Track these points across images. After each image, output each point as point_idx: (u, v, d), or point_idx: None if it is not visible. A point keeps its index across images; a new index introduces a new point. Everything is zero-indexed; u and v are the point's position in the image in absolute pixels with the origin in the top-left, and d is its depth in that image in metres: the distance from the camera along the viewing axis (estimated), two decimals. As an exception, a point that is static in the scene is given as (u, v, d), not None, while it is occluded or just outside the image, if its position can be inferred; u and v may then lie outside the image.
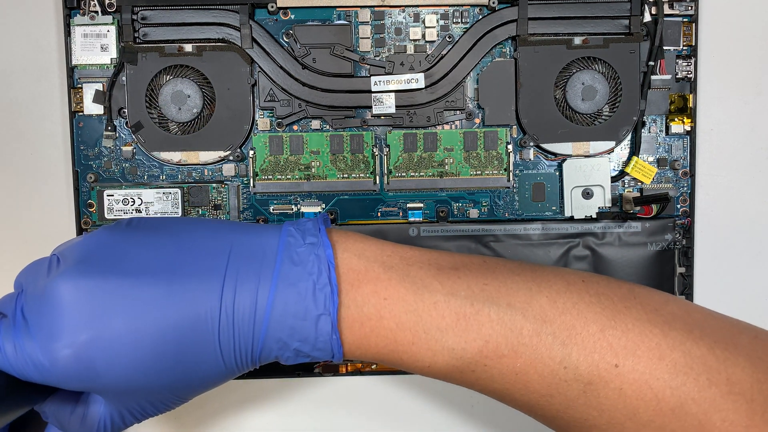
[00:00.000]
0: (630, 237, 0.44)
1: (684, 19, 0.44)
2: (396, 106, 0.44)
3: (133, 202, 0.44)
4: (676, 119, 0.44)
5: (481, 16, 0.44)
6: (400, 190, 0.44)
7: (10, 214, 0.45)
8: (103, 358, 0.29)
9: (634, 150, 0.45)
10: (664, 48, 0.44)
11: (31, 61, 0.45)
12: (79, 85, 0.44)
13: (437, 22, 0.44)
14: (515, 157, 0.45)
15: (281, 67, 0.43)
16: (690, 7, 0.44)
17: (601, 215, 0.45)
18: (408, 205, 0.45)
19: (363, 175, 0.44)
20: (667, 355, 0.30)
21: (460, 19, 0.44)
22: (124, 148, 0.44)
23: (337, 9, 0.44)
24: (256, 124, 0.44)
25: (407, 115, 0.44)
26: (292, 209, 0.45)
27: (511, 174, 0.44)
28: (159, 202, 0.44)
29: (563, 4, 0.43)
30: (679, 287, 0.45)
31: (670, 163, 0.45)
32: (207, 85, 0.43)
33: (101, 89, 0.43)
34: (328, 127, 0.44)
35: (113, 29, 0.43)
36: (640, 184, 0.45)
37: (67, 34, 0.43)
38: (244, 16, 0.43)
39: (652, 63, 0.43)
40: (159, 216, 0.44)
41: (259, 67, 0.43)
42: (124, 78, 0.43)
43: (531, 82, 0.44)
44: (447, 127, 0.44)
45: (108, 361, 0.29)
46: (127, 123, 0.44)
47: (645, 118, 0.45)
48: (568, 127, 0.44)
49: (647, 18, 0.44)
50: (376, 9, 0.44)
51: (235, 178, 0.44)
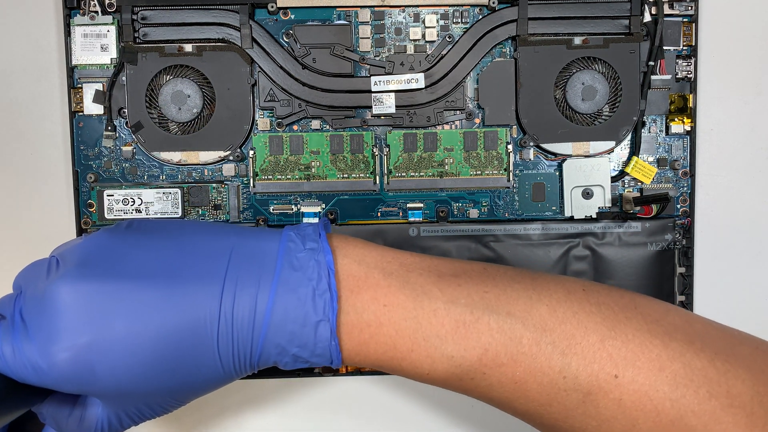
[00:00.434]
0: (630, 237, 0.44)
1: (684, 19, 0.44)
2: (396, 106, 0.44)
3: (133, 202, 0.44)
4: (676, 119, 0.44)
5: (481, 16, 0.44)
6: (400, 190, 0.44)
7: (10, 214, 0.45)
8: (101, 361, 0.29)
9: (634, 150, 0.45)
10: (664, 48, 0.44)
11: (31, 61, 0.45)
12: (79, 85, 0.44)
13: (437, 22, 0.44)
14: (515, 157, 0.45)
15: (281, 67, 0.43)
16: (690, 7, 0.44)
17: (601, 215, 0.44)
18: (408, 205, 0.45)
19: (363, 175, 0.44)
20: (668, 367, 0.30)
21: (460, 19, 0.44)
22: (124, 148, 0.44)
23: (337, 9, 0.44)
24: (256, 124, 0.44)
25: (407, 115, 0.44)
26: (292, 209, 0.45)
27: (511, 174, 0.44)
28: (159, 202, 0.44)
29: (563, 4, 0.43)
30: (679, 287, 0.45)
31: (670, 163, 0.45)
32: (207, 85, 0.43)
33: (101, 89, 0.43)
34: (328, 127, 0.44)
35: (113, 29, 0.43)
36: (640, 184, 0.45)
37: (67, 34, 0.43)
38: (244, 16, 0.43)
39: (652, 63, 0.43)
40: (158, 218, 0.44)
41: (259, 67, 0.43)
42: (124, 78, 0.43)
43: (531, 82, 0.44)
44: (447, 127, 0.44)
45: (106, 364, 0.29)
46: (127, 123, 0.44)
47: (645, 118, 0.45)
48: (568, 127, 0.44)
49: (647, 18, 0.44)
50: (376, 9, 0.44)
51: (235, 178, 0.44)
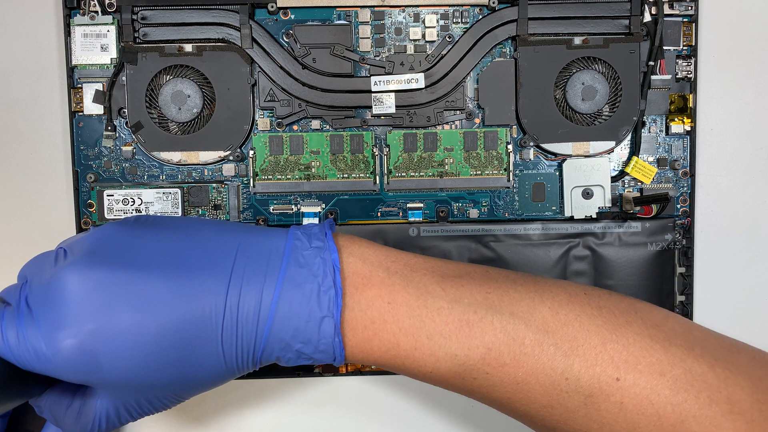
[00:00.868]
0: (630, 237, 0.44)
1: (684, 19, 0.44)
2: (396, 106, 0.44)
3: (133, 202, 0.44)
4: (676, 119, 0.44)
5: (481, 16, 0.44)
6: (400, 190, 0.44)
7: (10, 214, 0.45)
8: (106, 350, 0.29)
9: (634, 150, 0.45)
10: (664, 48, 0.44)
11: (31, 61, 0.45)
12: (79, 85, 0.44)
13: (437, 22, 0.44)
14: (515, 157, 0.45)
15: (281, 67, 0.43)
16: (690, 7, 0.44)
17: (601, 215, 0.45)
18: (408, 205, 0.45)
19: (363, 175, 0.44)
20: (668, 371, 0.30)
21: (460, 19, 0.44)
22: (124, 148, 0.44)
23: (337, 9, 0.44)
24: (256, 124, 0.44)
25: (407, 115, 0.44)
26: (292, 209, 0.45)
27: (511, 174, 0.44)
28: (159, 202, 0.44)
29: (563, 4, 0.43)
30: (679, 287, 0.45)
31: (670, 163, 0.45)
32: (207, 85, 0.43)
33: (101, 89, 0.43)
34: (328, 127, 0.44)
35: (113, 29, 0.43)
36: (640, 184, 0.45)
37: (67, 34, 0.43)
38: (244, 16, 0.43)
39: (652, 63, 0.43)
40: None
41: (259, 67, 0.43)
42: (124, 78, 0.43)
43: (531, 82, 0.44)
44: (447, 127, 0.44)
45: (111, 353, 0.29)
46: (127, 123, 0.44)
47: (645, 118, 0.45)
48: (568, 127, 0.44)
49: (647, 18, 0.44)
50: (376, 9, 0.44)
51: (235, 178, 0.44)
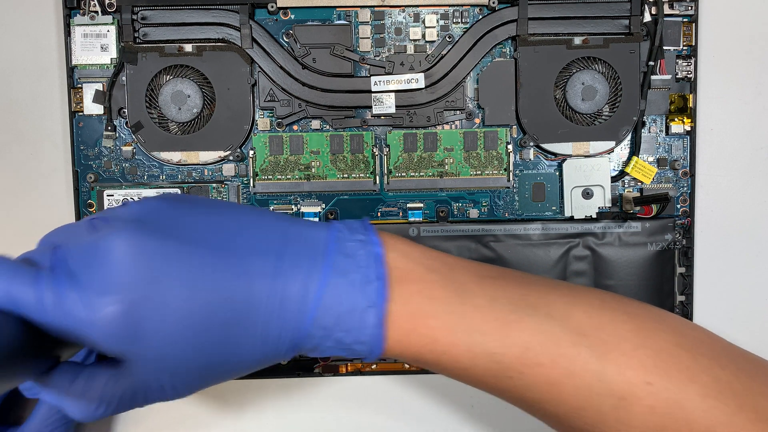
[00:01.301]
0: (630, 237, 0.44)
1: (684, 19, 0.44)
2: (396, 106, 0.44)
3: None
4: (676, 119, 0.44)
5: (481, 16, 0.44)
6: (400, 190, 0.44)
7: (10, 213, 0.45)
8: (151, 320, 0.29)
9: (634, 150, 0.45)
10: (664, 48, 0.44)
11: (31, 61, 0.45)
12: (79, 85, 0.44)
13: (437, 22, 0.44)
14: (515, 157, 0.45)
15: (281, 67, 0.43)
16: (690, 7, 0.44)
17: (601, 215, 0.45)
18: (408, 205, 0.45)
19: (363, 175, 0.44)
20: (698, 378, 0.30)
21: (460, 19, 0.44)
22: (124, 148, 0.44)
23: (337, 9, 0.44)
24: (256, 124, 0.44)
25: (407, 115, 0.44)
26: (292, 209, 0.45)
27: (511, 174, 0.44)
28: (159, 202, 0.44)
29: (563, 4, 0.43)
30: (679, 287, 0.45)
31: (670, 163, 0.45)
32: (207, 85, 0.43)
33: (101, 89, 0.43)
34: (328, 127, 0.44)
35: (113, 29, 0.43)
36: (640, 184, 0.45)
37: (67, 34, 0.43)
38: (244, 16, 0.43)
39: (652, 63, 0.43)
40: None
41: (259, 67, 0.43)
42: (124, 78, 0.43)
43: (531, 82, 0.44)
44: (447, 127, 0.44)
45: (155, 324, 0.29)
46: (127, 123, 0.44)
47: (645, 118, 0.45)
48: (568, 127, 0.44)
49: (647, 18, 0.44)
50: (376, 9, 0.44)
51: (235, 178, 0.44)
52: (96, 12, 0.43)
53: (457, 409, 0.47)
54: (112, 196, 0.44)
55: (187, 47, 0.43)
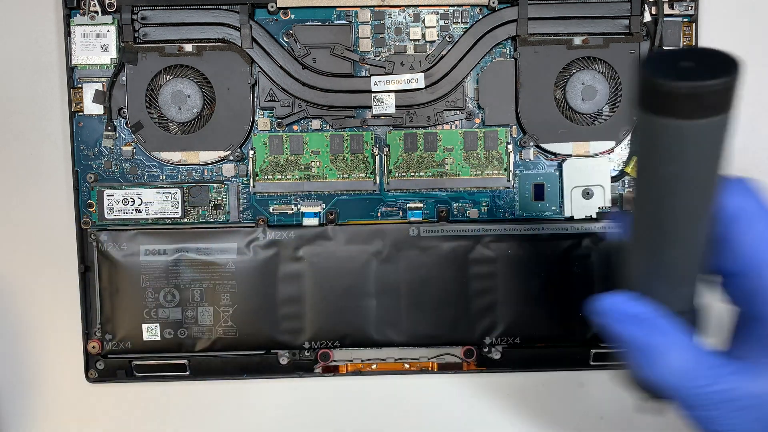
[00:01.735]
0: (630, 237, 0.44)
1: (684, 19, 0.44)
2: (396, 106, 0.44)
3: (133, 202, 0.44)
4: (676, 119, 0.44)
5: (481, 16, 0.44)
6: (400, 190, 0.44)
7: (10, 214, 0.45)
8: None
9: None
10: (664, 48, 0.44)
11: (31, 61, 0.45)
12: (79, 85, 0.44)
13: (437, 22, 0.44)
14: (515, 157, 0.45)
15: (281, 67, 0.43)
16: (690, 7, 0.44)
17: (601, 215, 0.45)
18: (408, 205, 0.45)
19: (363, 175, 0.44)
20: None
21: (460, 19, 0.44)
22: (124, 148, 0.44)
23: (337, 9, 0.44)
24: (256, 124, 0.44)
25: (407, 115, 0.44)
26: (292, 209, 0.45)
27: (511, 174, 0.44)
28: (159, 202, 0.44)
29: (563, 4, 0.43)
30: (679, 287, 0.45)
31: (670, 163, 0.45)
32: (207, 85, 0.43)
33: (101, 89, 0.43)
34: (328, 127, 0.44)
35: (113, 29, 0.43)
36: (640, 184, 0.45)
37: (67, 34, 0.43)
38: (244, 16, 0.43)
39: (652, 63, 0.43)
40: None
41: (259, 67, 0.43)
42: (124, 78, 0.43)
43: (531, 82, 0.44)
44: (447, 127, 0.44)
45: None
46: (127, 123, 0.44)
47: (645, 118, 0.45)
48: (568, 127, 0.44)
49: (647, 18, 0.44)
50: (376, 9, 0.44)
51: (235, 178, 0.44)
52: (96, 12, 0.43)
53: (457, 409, 0.47)
54: (112, 196, 0.44)
55: (187, 47, 0.43)
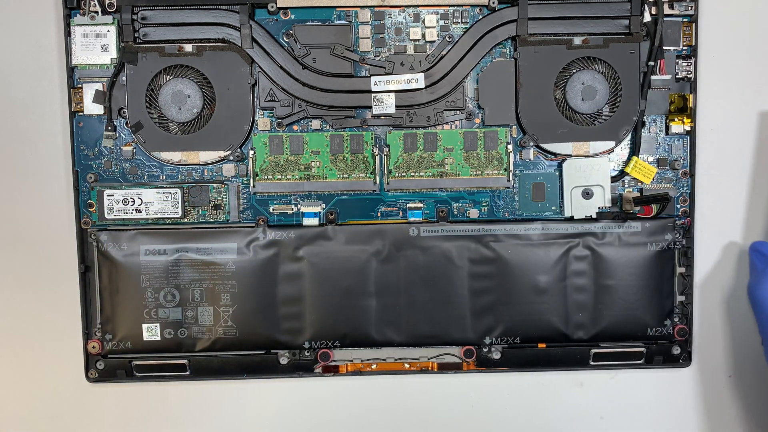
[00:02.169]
0: (630, 237, 0.44)
1: (684, 19, 0.44)
2: (396, 106, 0.44)
3: (133, 202, 0.44)
4: (676, 119, 0.44)
5: (481, 16, 0.44)
6: (400, 190, 0.44)
7: (10, 213, 0.45)
8: None
9: (634, 150, 0.45)
10: (664, 48, 0.44)
11: (31, 61, 0.45)
12: (79, 85, 0.44)
13: (437, 22, 0.44)
14: (515, 157, 0.45)
15: (281, 67, 0.43)
16: (690, 7, 0.44)
17: (601, 215, 0.44)
18: (408, 205, 0.45)
19: (363, 175, 0.44)
20: None
21: (460, 19, 0.44)
22: (124, 148, 0.44)
23: (337, 9, 0.44)
24: (256, 124, 0.44)
25: (407, 115, 0.44)
26: (292, 209, 0.45)
27: (511, 174, 0.44)
28: (159, 202, 0.44)
29: (563, 4, 0.43)
30: (679, 287, 0.45)
31: (670, 163, 0.45)
32: (207, 85, 0.43)
33: (101, 89, 0.43)
34: (328, 127, 0.44)
35: (113, 29, 0.43)
36: (640, 184, 0.45)
37: (67, 34, 0.43)
38: (244, 16, 0.43)
39: (652, 63, 0.43)
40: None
41: (259, 67, 0.43)
42: (124, 78, 0.43)
43: (531, 82, 0.44)
44: (447, 127, 0.44)
45: None
46: (127, 123, 0.44)
47: (645, 118, 0.45)
48: (568, 127, 0.44)
49: (647, 18, 0.44)
50: (376, 9, 0.44)
51: (235, 178, 0.44)
52: (96, 12, 0.43)
53: (457, 409, 0.47)
54: (112, 196, 0.44)
55: (187, 47, 0.43)
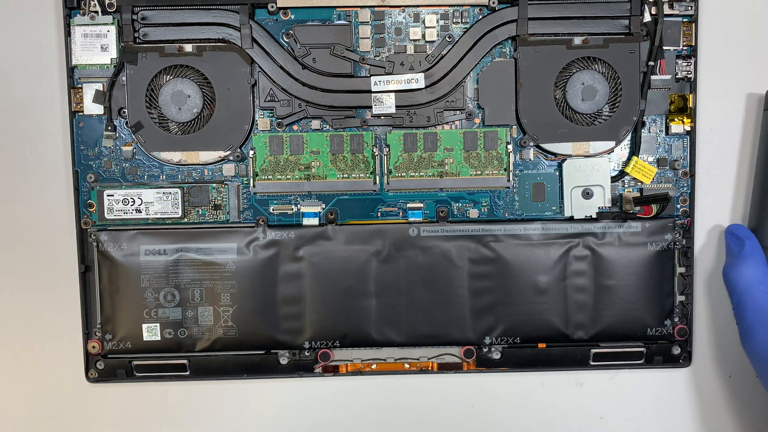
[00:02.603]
0: (630, 237, 0.44)
1: (684, 19, 0.44)
2: (396, 106, 0.44)
3: (133, 202, 0.44)
4: (676, 119, 0.44)
5: (481, 16, 0.44)
6: (400, 190, 0.44)
7: (10, 214, 0.45)
8: None
9: (634, 150, 0.45)
10: (664, 48, 0.44)
11: (31, 61, 0.45)
12: (79, 85, 0.44)
13: (437, 22, 0.44)
14: (515, 157, 0.45)
15: (281, 67, 0.43)
16: (690, 7, 0.44)
17: (601, 215, 0.44)
18: (408, 205, 0.45)
19: (363, 175, 0.44)
20: None
21: (460, 19, 0.44)
22: (124, 148, 0.44)
23: (337, 9, 0.44)
24: (256, 124, 0.44)
25: (407, 115, 0.44)
26: (292, 209, 0.45)
27: (511, 174, 0.44)
28: (159, 202, 0.44)
29: (563, 4, 0.43)
30: (679, 287, 0.45)
31: (670, 163, 0.45)
32: (207, 85, 0.43)
33: (101, 89, 0.43)
34: (328, 127, 0.44)
35: (113, 29, 0.43)
36: (640, 184, 0.45)
37: (67, 34, 0.43)
38: (244, 16, 0.43)
39: (652, 63, 0.43)
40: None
41: (259, 67, 0.43)
42: (124, 78, 0.43)
43: (531, 82, 0.44)
44: (447, 127, 0.44)
45: None
46: (127, 123, 0.44)
47: (645, 118, 0.45)
48: (568, 127, 0.44)
49: (647, 18, 0.44)
50: (376, 9, 0.44)
51: (235, 178, 0.44)
52: (96, 12, 0.43)
53: (457, 409, 0.47)
54: (112, 196, 0.44)
55: (187, 47, 0.43)
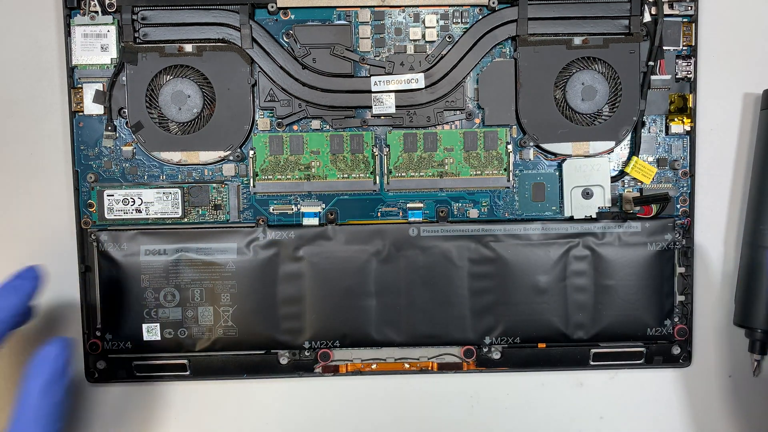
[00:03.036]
0: (630, 237, 0.44)
1: (684, 19, 0.44)
2: (396, 106, 0.44)
3: (133, 202, 0.44)
4: (676, 119, 0.44)
5: (481, 16, 0.44)
6: (400, 190, 0.44)
7: (10, 214, 0.45)
8: None
9: (634, 150, 0.45)
10: (664, 48, 0.44)
11: (31, 61, 0.45)
12: (79, 85, 0.44)
13: (437, 22, 0.44)
14: (515, 157, 0.45)
15: (281, 67, 0.43)
16: (690, 7, 0.44)
17: (601, 215, 0.45)
18: (408, 205, 0.45)
19: (363, 175, 0.44)
20: None
21: (460, 19, 0.44)
22: (124, 148, 0.44)
23: (337, 9, 0.44)
24: (256, 124, 0.44)
25: (407, 115, 0.44)
26: (292, 209, 0.45)
27: (511, 174, 0.44)
28: (159, 202, 0.44)
29: (563, 4, 0.43)
30: (679, 287, 0.45)
31: (670, 163, 0.45)
32: (207, 85, 0.43)
33: (101, 89, 0.44)
34: (328, 127, 0.44)
35: (113, 29, 0.43)
36: (640, 184, 0.45)
37: (67, 34, 0.43)
38: (244, 16, 0.43)
39: (651, 63, 0.44)
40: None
41: (259, 67, 0.43)
42: (124, 78, 0.43)
43: (531, 82, 0.44)
44: (447, 127, 0.44)
45: None
46: (127, 123, 0.44)
47: (645, 118, 0.45)
48: (568, 127, 0.44)
49: (647, 18, 0.44)
50: (376, 9, 0.44)
51: (235, 178, 0.44)
52: (96, 12, 0.43)
53: (457, 409, 0.47)
54: (113, 196, 0.44)
55: (187, 47, 0.43)
